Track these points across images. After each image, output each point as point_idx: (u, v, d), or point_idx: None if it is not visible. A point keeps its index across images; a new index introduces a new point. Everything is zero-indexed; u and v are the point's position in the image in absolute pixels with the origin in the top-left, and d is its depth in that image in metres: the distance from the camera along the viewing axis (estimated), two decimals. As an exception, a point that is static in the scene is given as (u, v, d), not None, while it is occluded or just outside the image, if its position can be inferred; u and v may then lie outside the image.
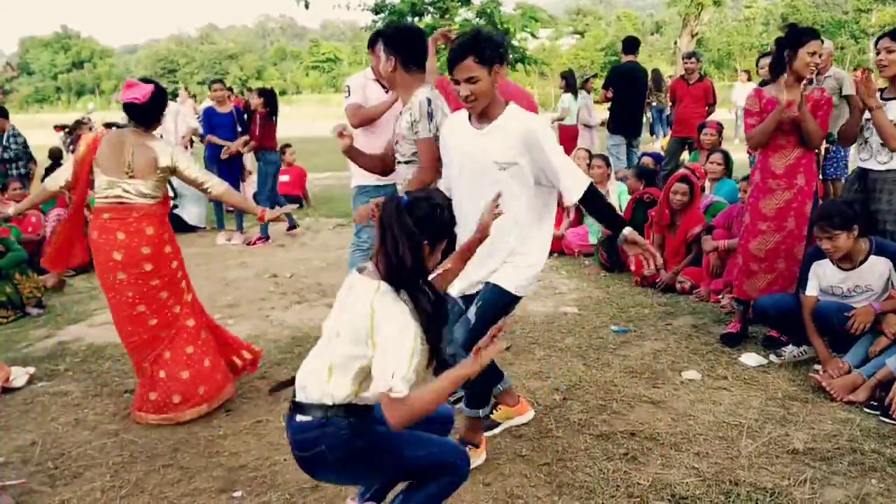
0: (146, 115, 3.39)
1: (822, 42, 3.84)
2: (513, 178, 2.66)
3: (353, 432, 2.08)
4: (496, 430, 3.14)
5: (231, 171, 7.64)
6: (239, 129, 7.82)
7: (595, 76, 11.65)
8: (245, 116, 8.04)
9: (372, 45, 4.18)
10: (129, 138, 3.37)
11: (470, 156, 2.73)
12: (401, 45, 3.05)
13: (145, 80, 3.43)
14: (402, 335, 1.98)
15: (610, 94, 8.07)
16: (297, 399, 2.15)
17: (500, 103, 2.70)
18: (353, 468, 2.15)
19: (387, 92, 4.18)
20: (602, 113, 9.52)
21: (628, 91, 8.02)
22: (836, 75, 5.81)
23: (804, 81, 3.82)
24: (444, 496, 2.20)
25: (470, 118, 2.76)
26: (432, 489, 2.18)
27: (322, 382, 2.10)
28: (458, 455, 2.22)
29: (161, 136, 8.12)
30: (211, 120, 7.72)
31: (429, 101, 2.98)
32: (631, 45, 8.34)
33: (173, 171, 3.42)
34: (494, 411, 3.14)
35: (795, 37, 3.79)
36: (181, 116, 8.70)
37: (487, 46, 2.56)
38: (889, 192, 3.87)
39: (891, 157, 3.84)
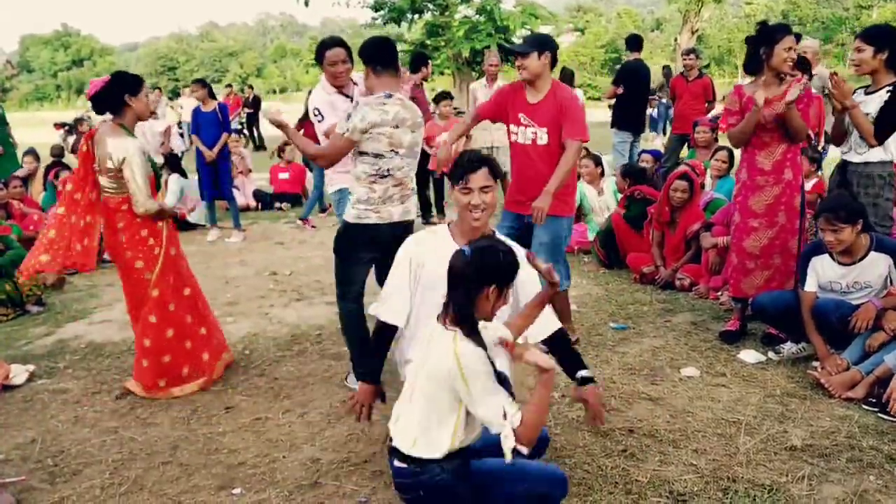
0: (96, 105, 3.57)
1: (798, 38, 3.86)
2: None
3: (449, 475, 2.18)
4: None
5: (217, 170, 7.62)
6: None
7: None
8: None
9: (319, 59, 4.02)
10: (102, 130, 3.56)
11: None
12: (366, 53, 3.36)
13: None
14: (491, 375, 2.10)
15: (620, 91, 8.07)
16: (394, 444, 2.26)
17: (489, 228, 2.69)
18: None
19: (352, 101, 4.14)
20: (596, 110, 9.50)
21: (636, 88, 8.04)
22: (821, 74, 5.83)
23: (798, 77, 3.84)
24: None
25: (454, 238, 2.63)
26: None
27: (411, 436, 2.20)
28: (555, 481, 2.28)
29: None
30: (197, 118, 7.78)
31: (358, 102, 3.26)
32: (636, 42, 8.36)
33: (120, 171, 3.48)
34: None
35: (769, 34, 3.82)
36: (149, 131, 8.82)
37: (495, 163, 2.64)
38: (865, 185, 3.93)
39: (867, 149, 3.90)
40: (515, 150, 4.00)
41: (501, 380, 2.15)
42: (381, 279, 3.48)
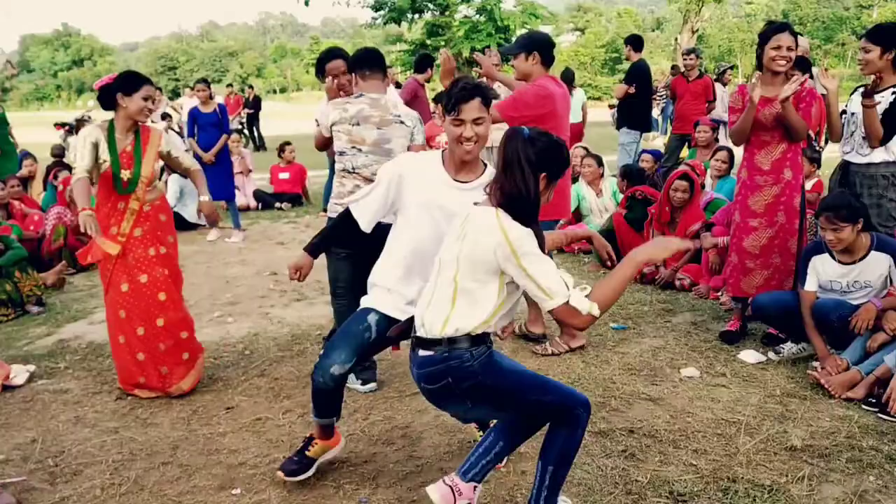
0: (100, 101, 3.59)
1: (795, 36, 3.83)
2: None
3: (478, 364, 2.17)
4: (310, 472, 2.77)
5: (217, 172, 7.56)
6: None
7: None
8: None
9: (321, 72, 4.00)
10: None
11: (443, 209, 2.53)
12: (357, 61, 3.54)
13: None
14: (541, 253, 2.10)
15: (633, 90, 8.05)
16: (419, 334, 2.23)
17: (480, 161, 2.63)
18: (478, 400, 2.24)
19: None
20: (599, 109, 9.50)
21: (645, 88, 8.08)
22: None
23: (791, 76, 3.83)
24: (576, 449, 2.29)
25: (444, 166, 2.56)
26: (558, 450, 2.25)
27: (443, 315, 2.17)
28: (581, 401, 2.26)
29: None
30: (197, 120, 7.71)
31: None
32: (641, 42, 8.37)
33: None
34: (310, 448, 2.78)
35: (765, 33, 3.85)
36: None
37: (488, 93, 2.55)
38: (868, 185, 3.93)
39: (870, 151, 3.90)
40: None
41: None
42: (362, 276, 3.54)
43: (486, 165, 2.65)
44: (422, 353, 2.22)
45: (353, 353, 2.60)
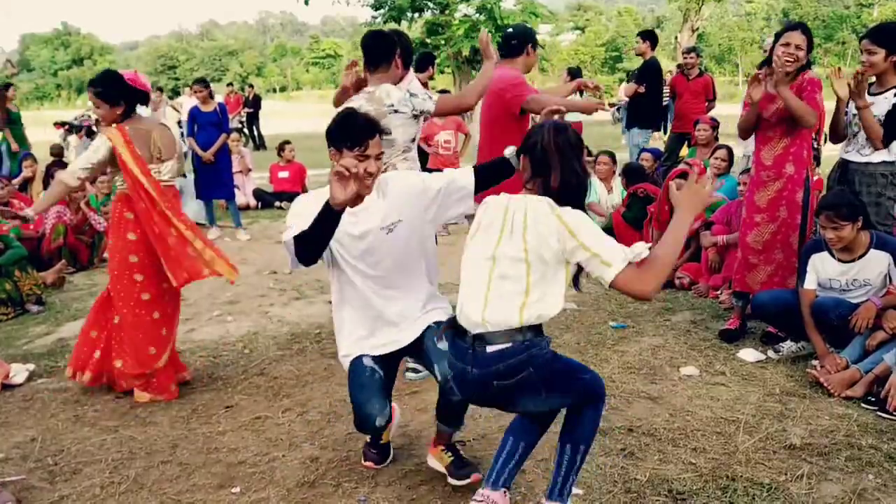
0: None
1: (808, 35, 3.82)
2: (404, 233, 2.65)
3: (549, 351, 2.21)
4: (391, 457, 2.94)
5: (217, 171, 7.59)
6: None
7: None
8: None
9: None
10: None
11: (351, 238, 2.62)
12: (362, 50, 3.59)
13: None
14: (596, 226, 2.18)
15: (642, 90, 8.00)
16: (481, 331, 2.20)
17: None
18: (551, 388, 2.22)
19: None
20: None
21: (657, 87, 8.04)
22: None
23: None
24: (596, 429, 2.33)
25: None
26: (589, 428, 2.29)
27: (516, 306, 2.16)
28: (597, 376, 2.34)
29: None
30: (196, 119, 7.69)
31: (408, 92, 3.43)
32: (657, 39, 8.32)
33: None
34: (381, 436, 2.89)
35: (779, 31, 3.90)
36: None
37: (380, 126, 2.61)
38: (867, 184, 3.93)
39: (871, 151, 3.90)
40: None
41: None
42: None
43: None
44: (492, 348, 2.16)
45: (382, 397, 2.58)
